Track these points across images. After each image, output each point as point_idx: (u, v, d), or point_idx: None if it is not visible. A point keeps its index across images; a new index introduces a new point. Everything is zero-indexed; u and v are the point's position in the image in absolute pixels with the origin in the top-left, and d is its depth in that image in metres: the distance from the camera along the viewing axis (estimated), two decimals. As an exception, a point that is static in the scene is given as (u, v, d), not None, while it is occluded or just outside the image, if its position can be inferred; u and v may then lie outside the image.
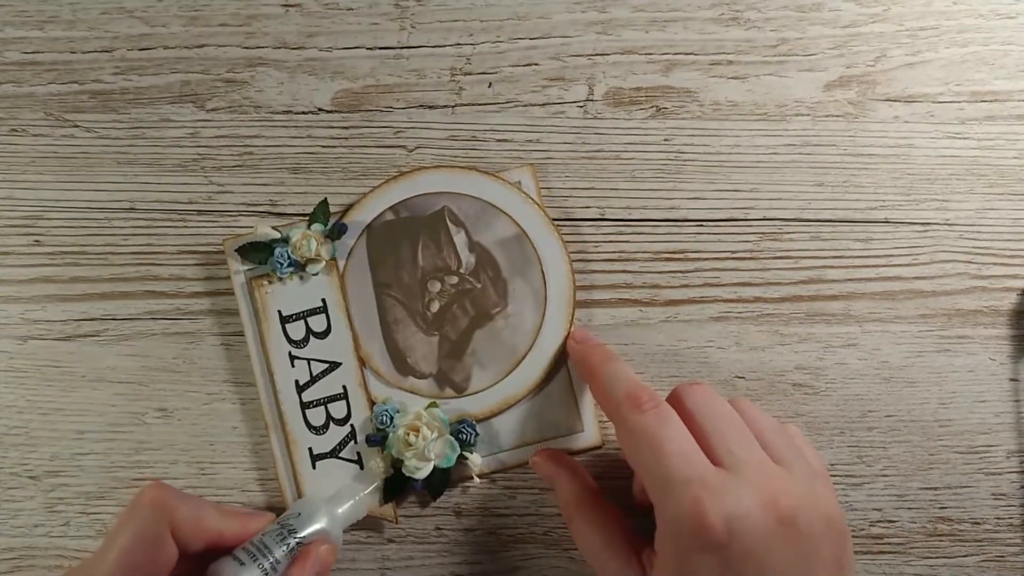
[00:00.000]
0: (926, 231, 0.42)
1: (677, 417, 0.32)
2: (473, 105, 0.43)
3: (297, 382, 0.40)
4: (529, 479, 0.41)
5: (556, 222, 0.42)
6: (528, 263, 0.41)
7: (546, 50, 0.43)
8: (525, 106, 0.43)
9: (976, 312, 0.42)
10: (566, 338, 0.40)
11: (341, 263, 0.41)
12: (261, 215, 0.42)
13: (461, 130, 0.42)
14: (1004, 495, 0.41)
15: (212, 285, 0.41)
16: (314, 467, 0.39)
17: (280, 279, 0.40)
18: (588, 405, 0.40)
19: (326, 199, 0.41)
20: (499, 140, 0.43)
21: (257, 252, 0.40)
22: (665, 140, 0.43)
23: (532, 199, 0.41)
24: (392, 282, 0.41)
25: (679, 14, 0.43)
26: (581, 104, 0.43)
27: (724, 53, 0.43)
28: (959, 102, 0.43)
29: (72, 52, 0.43)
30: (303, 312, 0.40)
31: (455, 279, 0.40)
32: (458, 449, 0.39)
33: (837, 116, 0.43)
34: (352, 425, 0.40)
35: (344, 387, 0.40)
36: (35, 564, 0.40)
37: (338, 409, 0.40)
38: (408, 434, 0.38)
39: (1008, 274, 0.42)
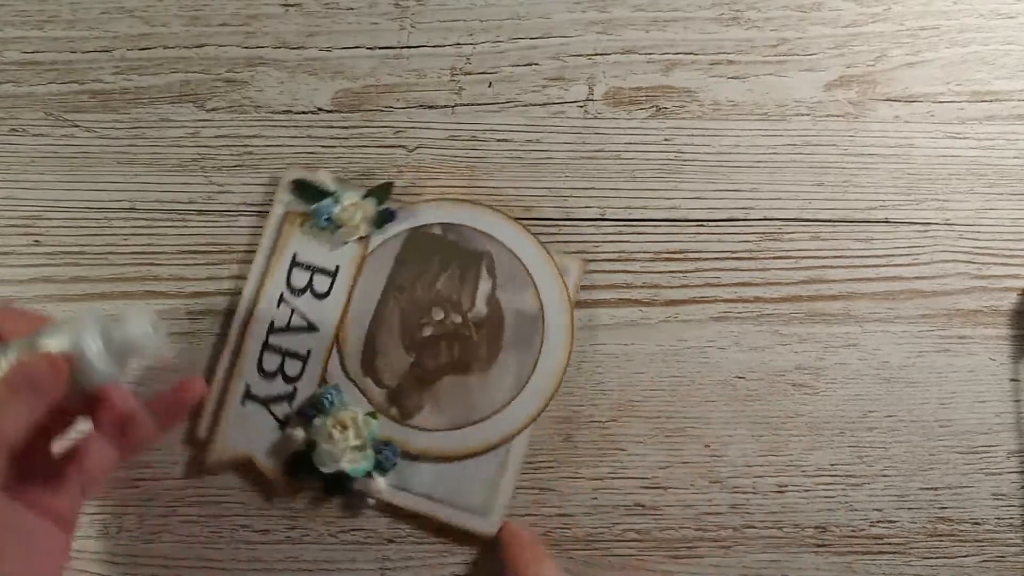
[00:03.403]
0: (926, 231, 0.42)
1: None
2: (473, 105, 0.43)
3: (273, 322, 0.40)
4: (529, 479, 0.41)
5: (556, 222, 0.42)
6: (529, 346, 0.40)
7: (546, 50, 0.43)
8: (525, 106, 0.43)
9: (976, 312, 0.42)
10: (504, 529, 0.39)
11: (372, 244, 0.41)
12: (261, 215, 0.42)
13: (461, 130, 0.42)
14: (1004, 495, 0.41)
15: (212, 285, 0.41)
16: (243, 404, 0.39)
17: (313, 227, 0.40)
18: (504, 497, 0.40)
19: (392, 184, 0.41)
20: (499, 140, 0.42)
21: (308, 193, 0.41)
22: (665, 140, 0.43)
23: (567, 291, 0.41)
24: (405, 287, 0.41)
25: (679, 14, 0.43)
26: (581, 104, 0.43)
27: (724, 53, 0.43)
28: (959, 102, 0.43)
29: (72, 52, 0.43)
30: (314, 266, 0.40)
31: (459, 319, 0.40)
32: (371, 466, 0.39)
33: (837, 116, 0.43)
34: (296, 388, 0.40)
35: (309, 351, 0.40)
36: (35, 564, 0.40)
37: (293, 367, 0.40)
38: (335, 427, 0.38)
39: (1008, 274, 0.42)
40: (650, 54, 0.43)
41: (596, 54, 0.43)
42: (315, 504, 0.40)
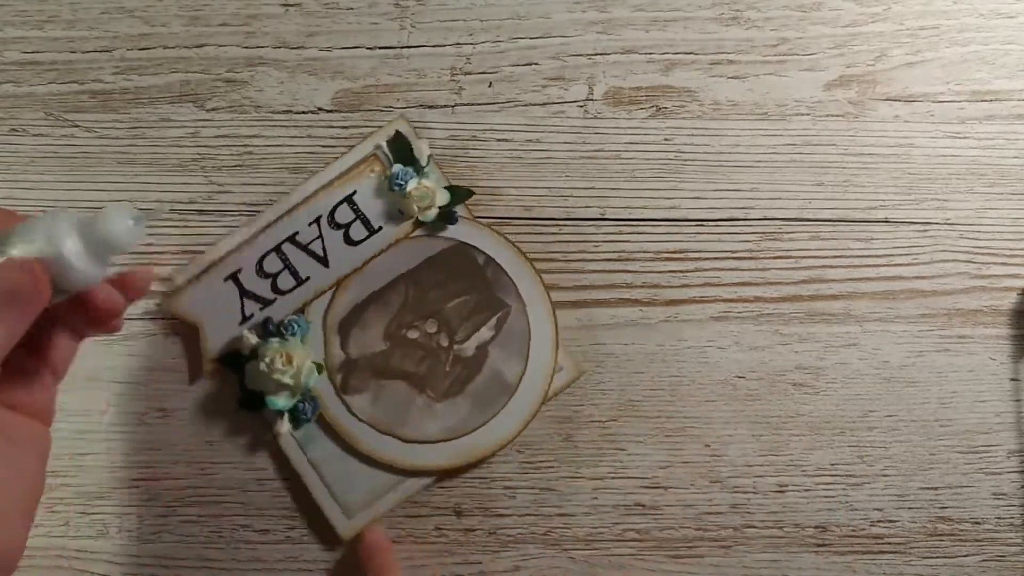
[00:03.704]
0: (926, 231, 0.42)
1: None
2: (473, 105, 0.43)
3: (297, 234, 0.41)
4: (529, 479, 0.41)
5: (556, 222, 0.42)
6: (485, 407, 0.40)
7: (546, 50, 0.43)
8: (525, 106, 0.43)
9: (976, 312, 0.42)
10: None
11: (419, 231, 0.41)
12: (262, 214, 0.42)
13: (461, 130, 0.42)
14: (1004, 495, 0.41)
15: (212, 285, 0.41)
16: (225, 281, 0.40)
17: (385, 182, 0.41)
18: (375, 513, 0.39)
19: (472, 192, 0.41)
20: (499, 140, 0.43)
21: (401, 151, 0.41)
22: (665, 140, 0.43)
23: (549, 386, 0.40)
24: (421, 286, 0.41)
25: (679, 14, 0.43)
26: (581, 104, 0.43)
27: (724, 53, 0.43)
28: (959, 101, 0.43)
29: (72, 52, 0.43)
30: (362, 214, 0.41)
31: (445, 342, 0.40)
32: (286, 407, 0.39)
33: (837, 116, 0.43)
34: (276, 300, 0.40)
35: (308, 278, 0.40)
36: (35, 564, 0.40)
37: (286, 282, 0.40)
38: (281, 356, 0.39)
39: (1008, 274, 0.42)
40: (650, 54, 0.43)
41: (596, 54, 0.43)
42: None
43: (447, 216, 0.41)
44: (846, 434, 0.41)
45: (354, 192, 0.41)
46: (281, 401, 0.39)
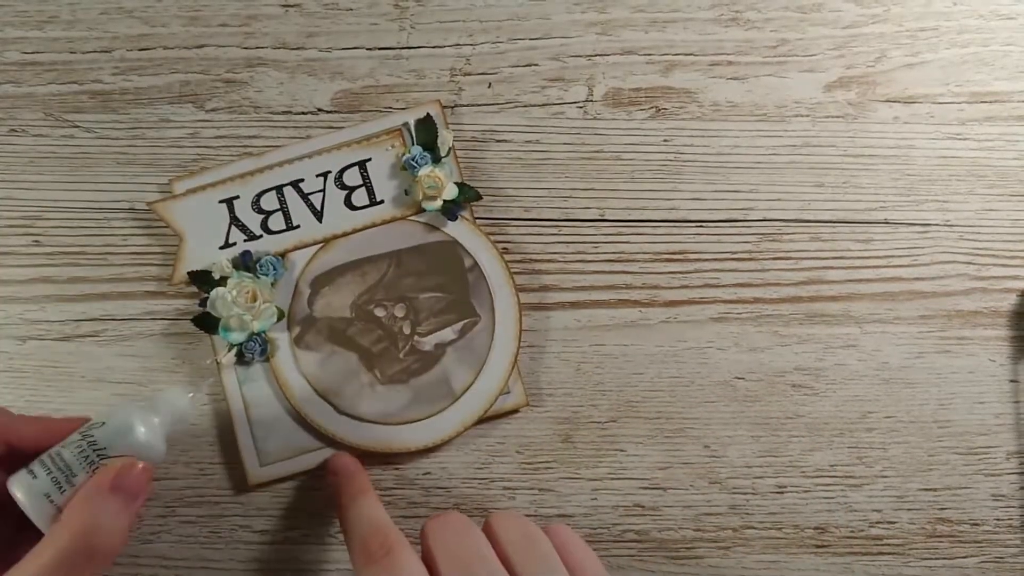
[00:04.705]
0: (926, 232, 0.42)
1: (413, 564, 0.29)
2: (473, 105, 0.43)
3: (302, 181, 0.41)
4: (529, 479, 0.41)
5: (556, 222, 0.42)
6: (423, 403, 0.40)
7: (546, 50, 0.43)
8: (525, 106, 0.43)
9: (976, 313, 0.42)
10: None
11: (417, 216, 0.41)
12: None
13: (461, 130, 0.42)
14: (1003, 496, 0.41)
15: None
16: (219, 203, 0.41)
17: (398, 158, 0.41)
18: (281, 471, 0.40)
19: (481, 196, 0.41)
20: (499, 140, 0.43)
21: (425, 134, 0.41)
22: (665, 140, 0.43)
23: (490, 406, 0.40)
24: (401, 269, 0.41)
25: (679, 14, 0.43)
26: (581, 104, 0.43)
27: (724, 53, 0.43)
28: (959, 103, 0.43)
29: (72, 52, 0.43)
30: (369, 183, 0.41)
31: (407, 330, 0.40)
32: (236, 343, 0.40)
33: (837, 117, 0.43)
34: (262, 236, 0.41)
35: (299, 227, 0.41)
36: (34, 564, 0.40)
37: (277, 223, 0.41)
38: (247, 292, 0.39)
39: (1008, 275, 0.42)
40: (649, 55, 0.43)
41: (595, 55, 0.43)
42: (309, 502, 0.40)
43: (449, 211, 0.41)
44: (845, 435, 0.41)
45: (368, 159, 0.41)
46: (233, 334, 0.39)
